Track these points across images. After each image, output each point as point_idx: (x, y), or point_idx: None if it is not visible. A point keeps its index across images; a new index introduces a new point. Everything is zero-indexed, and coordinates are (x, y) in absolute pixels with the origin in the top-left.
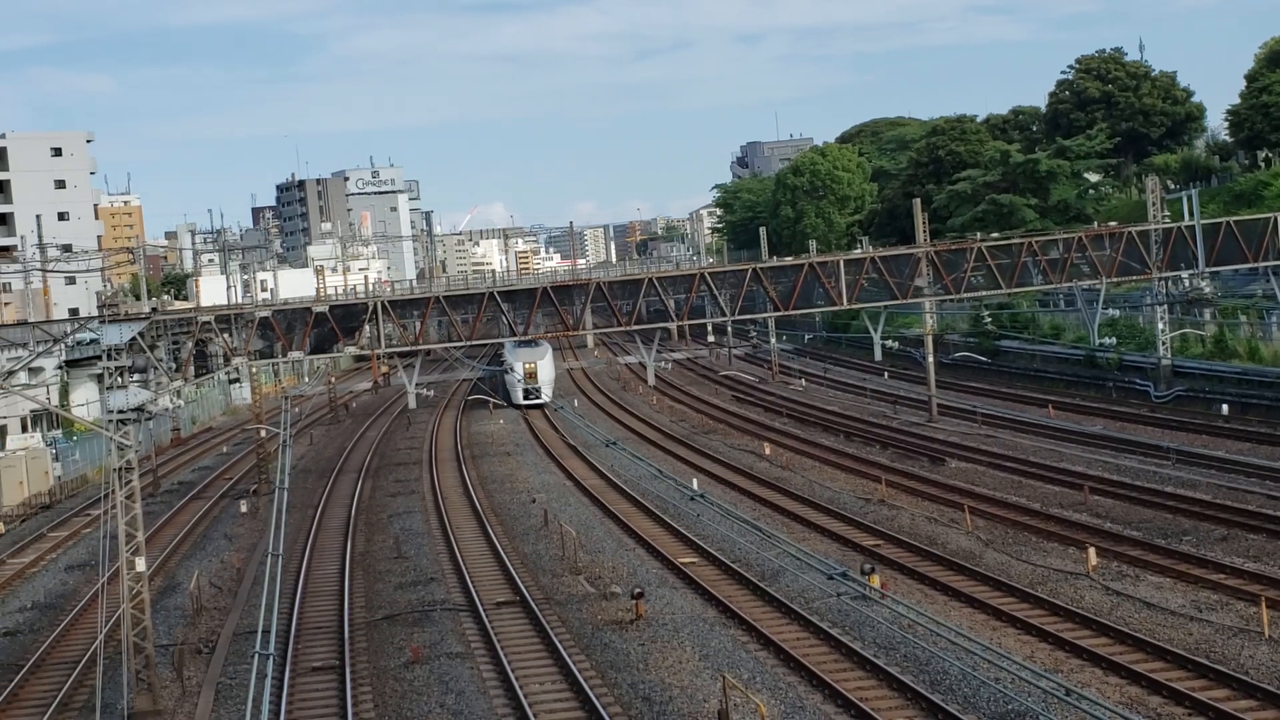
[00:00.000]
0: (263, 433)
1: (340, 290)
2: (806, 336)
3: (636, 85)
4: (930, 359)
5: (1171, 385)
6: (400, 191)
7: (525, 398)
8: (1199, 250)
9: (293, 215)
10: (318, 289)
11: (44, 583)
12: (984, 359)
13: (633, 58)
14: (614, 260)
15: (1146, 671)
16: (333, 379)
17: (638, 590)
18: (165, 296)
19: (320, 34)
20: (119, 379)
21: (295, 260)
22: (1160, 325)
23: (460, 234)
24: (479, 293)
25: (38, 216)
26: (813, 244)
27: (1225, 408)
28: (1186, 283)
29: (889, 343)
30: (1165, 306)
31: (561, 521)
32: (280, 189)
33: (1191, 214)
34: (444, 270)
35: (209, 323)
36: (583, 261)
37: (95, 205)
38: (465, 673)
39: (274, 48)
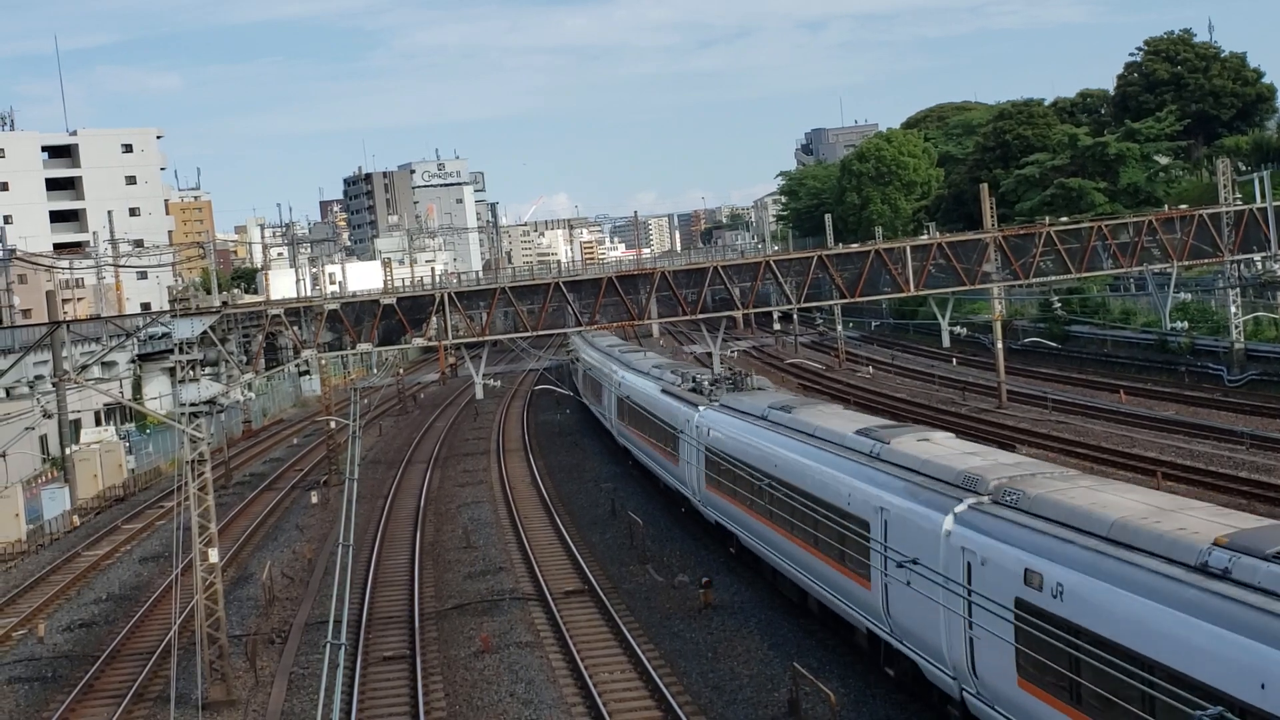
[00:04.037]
0: (332, 424)
1: (407, 282)
2: (873, 323)
3: (699, 74)
4: (999, 345)
5: (1245, 369)
6: (466, 183)
7: None
8: (1271, 232)
9: (360, 209)
10: (385, 281)
11: (119, 574)
12: (1054, 344)
13: (695, 47)
14: (678, 249)
15: None
16: (401, 371)
17: (705, 579)
18: (235, 290)
19: (385, 29)
20: (191, 372)
21: (363, 253)
22: (1233, 308)
23: (525, 225)
24: (545, 283)
25: (109, 212)
26: (879, 230)
27: None
28: (1259, 265)
29: (957, 329)
30: (1238, 289)
31: (629, 511)
32: (347, 182)
33: (1263, 196)
34: (509, 261)
35: (278, 316)
36: (647, 251)
37: (166, 201)
38: (535, 662)
39: (339, 43)
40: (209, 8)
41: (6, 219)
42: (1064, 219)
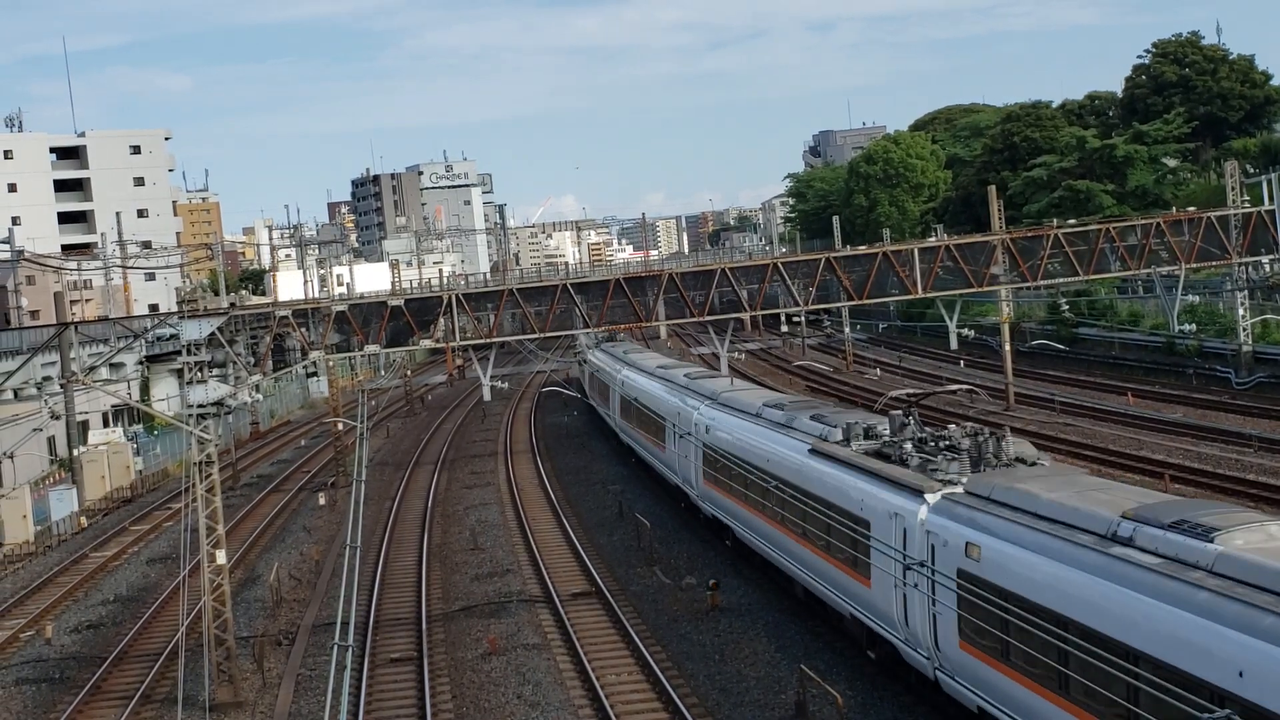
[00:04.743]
0: (340, 426)
1: (415, 284)
2: (880, 325)
3: (709, 75)
4: (1007, 347)
5: (1253, 371)
6: (473, 185)
7: None
8: (1279, 235)
9: (368, 210)
10: (393, 283)
11: (126, 576)
12: (1061, 347)
13: (706, 48)
14: (686, 251)
15: None
16: (408, 372)
17: (713, 581)
18: (243, 292)
19: (396, 30)
20: (199, 374)
21: (370, 254)
22: (1241, 311)
23: (533, 226)
24: (552, 285)
25: (118, 214)
26: (886, 233)
27: None
28: (1267, 267)
29: (964, 331)
30: (1245, 292)
31: (636, 513)
32: (355, 184)
33: (1271, 198)
34: (517, 263)
35: (286, 317)
36: (655, 252)
37: (174, 202)
38: (542, 664)
39: (350, 44)
40: (220, 8)
41: (15, 220)
42: (1072, 221)
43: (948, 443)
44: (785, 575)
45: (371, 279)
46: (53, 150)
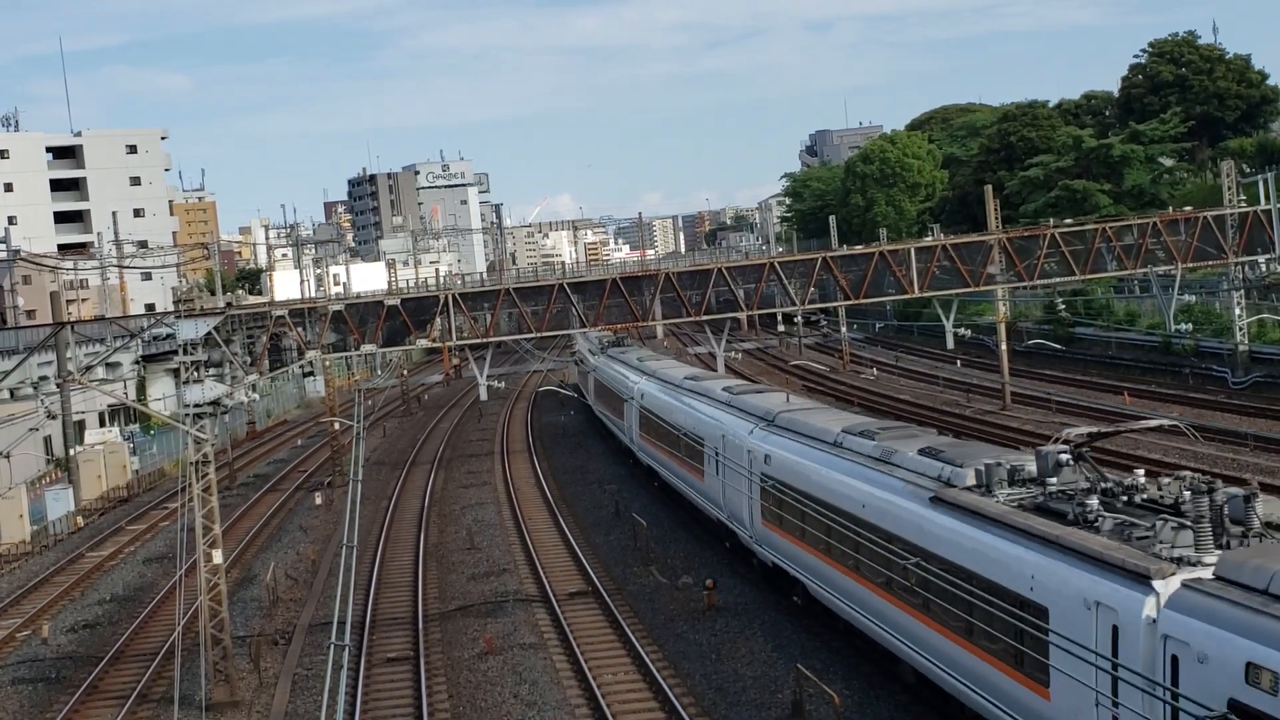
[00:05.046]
0: (336, 425)
1: (411, 283)
2: (877, 325)
3: (707, 75)
4: (1003, 347)
5: (1249, 371)
6: (470, 185)
7: None
8: (1276, 234)
9: (364, 209)
10: (389, 282)
11: (122, 575)
12: (1058, 346)
13: (704, 48)
14: (683, 250)
15: None
16: (405, 372)
17: (709, 581)
18: (239, 291)
19: (395, 30)
20: (195, 373)
21: (367, 254)
22: (1237, 310)
23: (529, 226)
24: (549, 284)
25: (114, 213)
26: (883, 232)
27: None
28: (1263, 267)
29: (961, 331)
30: (1242, 291)
31: (633, 512)
32: (352, 183)
33: (1268, 198)
34: (514, 262)
35: (283, 317)
36: (652, 252)
37: (170, 202)
38: (538, 663)
39: (349, 44)
40: (220, 8)
41: (11, 220)
42: (1068, 221)
43: (1146, 495)
44: (887, 652)
45: (368, 278)
46: (49, 149)
